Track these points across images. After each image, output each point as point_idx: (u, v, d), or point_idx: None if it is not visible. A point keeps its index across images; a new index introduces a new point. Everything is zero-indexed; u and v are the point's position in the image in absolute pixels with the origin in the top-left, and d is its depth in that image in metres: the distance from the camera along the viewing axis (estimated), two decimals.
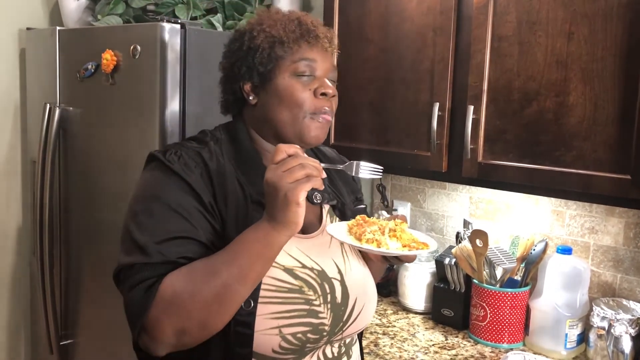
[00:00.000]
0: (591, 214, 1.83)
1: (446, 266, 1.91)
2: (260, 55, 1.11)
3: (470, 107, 1.66)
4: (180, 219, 1.02)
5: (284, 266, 1.08)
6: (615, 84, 1.43)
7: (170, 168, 1.05)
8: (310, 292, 1.09)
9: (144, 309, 0.97)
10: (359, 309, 1.17)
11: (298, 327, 1.07)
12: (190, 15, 1.98)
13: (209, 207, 1.04)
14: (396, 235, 1.06)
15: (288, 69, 1.11)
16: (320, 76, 1.12)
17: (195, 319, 0.96)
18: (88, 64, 1.91)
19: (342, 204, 1.26)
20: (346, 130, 1.98)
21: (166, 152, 1.08)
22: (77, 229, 2.09)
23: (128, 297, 1.00)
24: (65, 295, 2.15)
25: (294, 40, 1.11)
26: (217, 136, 1.16)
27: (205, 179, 1.06)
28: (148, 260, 0.99)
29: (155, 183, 1.06)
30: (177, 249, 1.00)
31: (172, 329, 0.97)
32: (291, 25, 1.12)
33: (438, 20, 1.72)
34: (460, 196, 2.13)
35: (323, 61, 1.13)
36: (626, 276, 1.78)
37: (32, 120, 2.24)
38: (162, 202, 1.03)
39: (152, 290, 0.97)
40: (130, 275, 1.00)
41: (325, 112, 1.12)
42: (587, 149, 1.48)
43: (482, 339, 1.81)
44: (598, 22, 1.44)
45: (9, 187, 2.38)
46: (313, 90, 1.11)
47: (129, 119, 1.82)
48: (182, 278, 0.97)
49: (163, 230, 1.01)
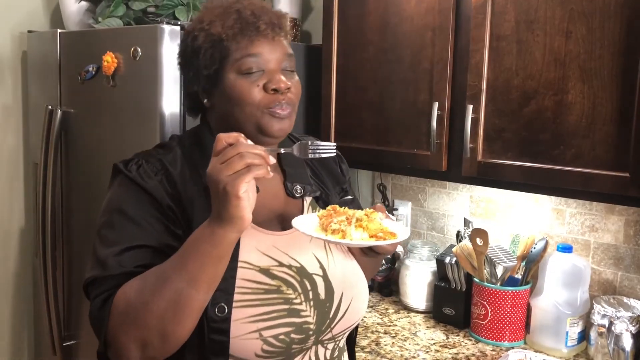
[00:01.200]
0: (591, 212, 1.84)
1: (447, 265, 1.92)
2: (204, 57, 1.06)
3: (470, 106, 1.67)
4: (137, 229, 1.00)
5: (259, 267, 1.05)
6: (613, 82, 1.43)
7: (129, 178, 1.05)
8: (289, 291, 1.06)
9: (102, 322, 0.96)
10: (347, 305, 1.13)
11: (279, 328, 1.03)
12: (190, 17, 1.98)
13: (169, 212, 1.02)
14: (362, 225, 1.00)
15: (233, 68, 1.05)
16: (271, 69, 1.06)
17: (153, 329, 0.93)
18: (89, 66, 1.92)
19: (326, 195, 1.21)
20: (346, 130, 1.99)
21: (128, 163, 1.08)
22: (79, 230, 2.10)
23: (90, 311, 0.99)
24: (67, 296, 2.16)
25: (233, 37, 1.04)
26: (183, 141, 1.13)
27: (165, 185, 1.04)
28: (105, 273, 0.98)
29: (117, 196, 1.05)
30: (134, 258, 0.98)
31: (132, 341, 0.94)
32: (229, 20, 1.05)
33: (437, 21, 1.73)
34: (460, 195, 2.13)
35: (271, 52, 1.06)
36: (627, 274, 1.78)
37: (34, 123, 2.25)
38: (121, 213, 1.02)
39: (107, 303, 0.96)
40: (93, 289, 1.00)
41: (280, 107, 1.06)
42: (586, 147, 1.49)
43: (483, 338, 1.81)
44: (596, 20, 1.45)
45: (11, 189, 2.39)
46: (262, 86, 1.05)
47: (130, 121, 1.83)
48: (135, 287, 0.95)
49: (122, 241, 0.99)
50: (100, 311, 0.97)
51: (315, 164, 1.26)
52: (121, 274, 0.97)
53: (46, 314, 2.14)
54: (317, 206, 1.19)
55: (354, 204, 1.29)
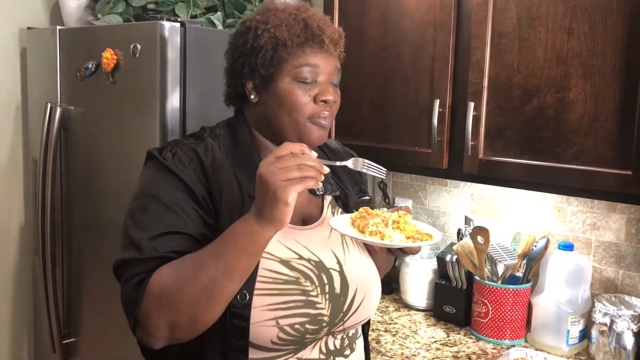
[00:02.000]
0: (593, 210, 1.83)
1: (448, 263, 1.91)
2: (263, 56, 1.10)
3: (471, 103, 1.66)
4: (172, 215, 1.04)
5: (280, 258, 1.09)
6: (615, 80, 1.43)
7: (164, 165, 1.08)
8: (307, 283, 1.10)
9: (135, 303, 0.99)
10: (360, 300, 1.17)
11: (295, 318, 1.07)
12: (190, 14, 1.97)
13: (202, 202, 1.06)
14: (400, 227, 1.05)
15: (290, 73, 1.10)
16: (322, 81, 1.11)
17: (184, 314, 0.97)
18: (88, 63, 1.91)
19: (345, 196, 1.26)
20: (347, 127, 1.98)
21: (162, 150, 1.11)
22: (78, 228, 2.09)
23: (122, 292, 1.03)
24: (67, 294, 2.16)
25: (298, 45, 1.09)
26: (215, 132, 1.17)
27: (199, 174, 1.07)
28: (140, 255, 1.01)
29: (151, 181, 1.08)
30: (168, 244, 1.02)
31: (163, 322, 0.98)
32: (296, 27, 1.10)
33: (438, 17, 1.72)
34: (461, 193, 2.12)
35: (326, 65, 1.12)
36: (628, 272, 1.78)
37: (33, 120, 2.24)
38: (156, 199, 1.05)
39: (142, 285, 0.99)
40: (125, 270, 1.03)
41: (324, 117, 1.12)
42: (588, 144, 1.48)
43: (484, 336, 1.81)
44: (598, 17, 1.44)
45: (10, 186, 2.39)
46: (313, 96, 1.10)
47: (130, 118, 1.82)
48: (171, 272, 0.98)
49: (156, 226, 1.03)
50: (135, 292, 1.00)
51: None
52: (156, 258, 1.01)
53: (46, 312, 2.14)
54: (336, 205, 1.24)
55: (370, 204, 1.34)
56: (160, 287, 0.98)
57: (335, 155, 1.33)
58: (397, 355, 1.69)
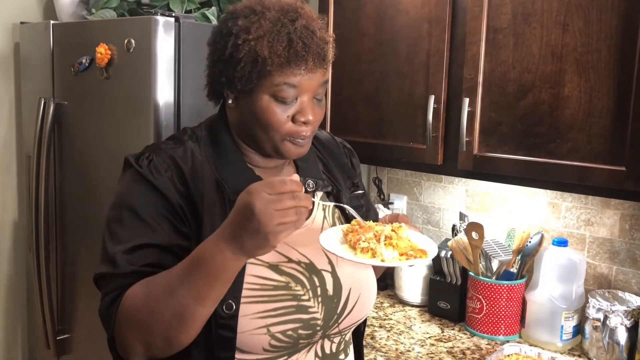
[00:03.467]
0: (587, 206, 1.83)
1: (442, 259, 1.91)
2: (241, 70, 1.02)
3: (466, 99, 1.66)
4: (147, 227, 1.01)
5: (268, 263, 1.05)
6: (610, 76, 1.43)
7: (139, 173, 1.04)
8: (297, 288, 1.06)
9: (110, 320, 0.98)
10: (355, 300, 1.13)
11: (287, 324, 1.04)
12: (184, 9, 1.96)
13: (178, 210, 1.02)
14: (392, 243, 0.99)
15: (268, 90, 1.02)
16: (304, 100, 1.04)
17: (158, 335, 0.95)
18: (82, 58, 1.90)
19: (337, 191, 1.21)
20: (342, 123, 1.98)
21: (139, 157, 1.07)
22: (72, 224, 2.09)
23: (100, 307, 1.01)
24: (61, 290, 2.15)
25: (279, 65, 1.00)
26: (197, 134, 1.12)
27: (175, 181, 1.04)
28: (115, 270, 0.99)
29: (127, 191, 1.05)
30: (142, 257, 0.99)
31: (137, 342, 0.96)
32: (279, 44, 0.99)
33: (433, 12, 1.72)
34: (456, 189, 2.13)
35: (309, 85, 1.03)
36: (622, 268, 1.78)
37: (27, 115, 2.23)
38: (131, 210, 1.02)
39: (116, 302, 0.98)
40: (104, 285, 1.02)
41: (302, 138, 1.06)
42: (582, 140, 1.48)
43: (478, 331, 1.81)
44: (593, 13, 1.44)
45: (4, 182, 2.38)
46: (292, 115, 1.04)
47: (124, 113, 1.81)
48: (141, 294, 0.96)
49: (130, 239, 1.00)
50: (109, 310, 0.99)
51: (326, 158, 1.25)
52: (130, 273, 0.99)
53: (40, 308, 2.13)
54: (327, 200, 1.19)
55: (364, 198, 1.30)
56: (130, 308, 0.96)
57: (325, 147, 1.27)
58: (391, 351, 1.69)
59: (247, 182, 0.96)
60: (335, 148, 1.30)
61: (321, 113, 1.09)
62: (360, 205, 1.27)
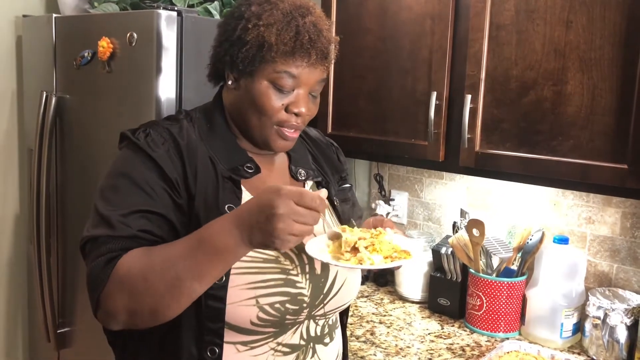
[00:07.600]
0: (588, 204, 1.83)
1: (443, 256, 1.91)
2: (246, 52, 1.06)
3: (468, 96, 1.65)
4: (143, 194, 1.02)
5: None
6: (613, 73, 1.42)
7: (137, 145, 1.06)
8: (287, 262, 1.09)
9: (101, 282, 0.97)
10: (340, 283, 1.17)
11: (275, 297, 1.06)
12: (187, 3, 1.96)
13: (174, 183, 1.04)
14: (375, 248, 1.03)
15: (268, 76, 1.07)
16: (300, 92, 1.09)
17: (146, 305, 0.95)
18: (84, 52, 1.90)
19: (326, 182, 1.26)
20: (344, 119, 1.97)
21: (136, 131, 1.10)
22: (74, 217, 2.09)
23: (89, 269, 1.00)
24: (62, 283, 2.15)
25: (283, 53, 1.05)
26: (191, 115, 1.16)
27: (172, 155, 1.06)
28: (112, 232, 0.99)
29: (123, 161, 1.07)
30: (139, 222, 1.00)
31: (123, 307, 0.96)
32: (287, 34, 1.05)
33: (436, 9, 1.71)
34: (457, 186, 2.12)
35: (308, 78, 1.08)
36: (622, 266, 1.78)
37: (29, 109, 2.23)
38: (127, 178, 1.03)
39: (111, 263, 0.97)
40: (95, 247, 1.00)
41: (291, 128, 1.10)
42: (585, 138, 1.48)
43: (478, 328, 1.81)
44: (596, 10, 1.43)
45: (5, 175, 2.38)
46: (287, 104, 1.08)
47: (126, 107, 1.81)
48: (139, 261, 0.96)
49: (126, 204, 1.01)
50: (103, 270, 0.97)
51: (315, 151, 1.30)
52: (127, 237, 0.99)
53: (40, 301, 2.13)
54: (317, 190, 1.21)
55: (351, 191, 1.35)
56: (125, 272, 0.95)
57: (314, 142, 1.32)
58: (391, 347, 1.70)
59: (240, 161, 1.10)
60: (324, 144, 1.35)
61: (314, 109, 1.13)
62: (347, 199, 1.32)
